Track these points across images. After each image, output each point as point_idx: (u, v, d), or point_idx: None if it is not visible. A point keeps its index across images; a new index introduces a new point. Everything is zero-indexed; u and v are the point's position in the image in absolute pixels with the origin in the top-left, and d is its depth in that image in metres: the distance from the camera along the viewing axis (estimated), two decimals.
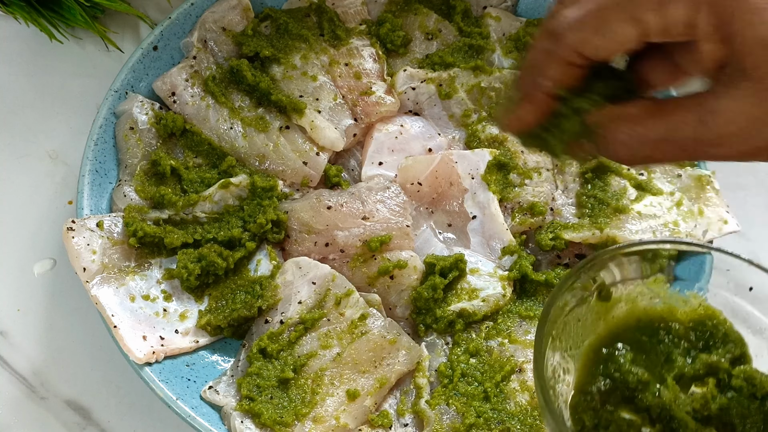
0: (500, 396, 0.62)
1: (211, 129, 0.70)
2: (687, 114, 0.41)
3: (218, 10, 0.72)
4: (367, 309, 0.64)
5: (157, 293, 0.65)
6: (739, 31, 0.38)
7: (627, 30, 0.41)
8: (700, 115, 0.40)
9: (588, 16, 0.42)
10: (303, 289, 0.65)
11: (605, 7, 0.42)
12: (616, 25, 0.41)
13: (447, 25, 0.75)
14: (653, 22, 0.41)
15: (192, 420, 0.61)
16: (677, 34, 0.40)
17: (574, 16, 0.42)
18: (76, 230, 0.64)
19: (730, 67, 0.39)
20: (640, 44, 0.42)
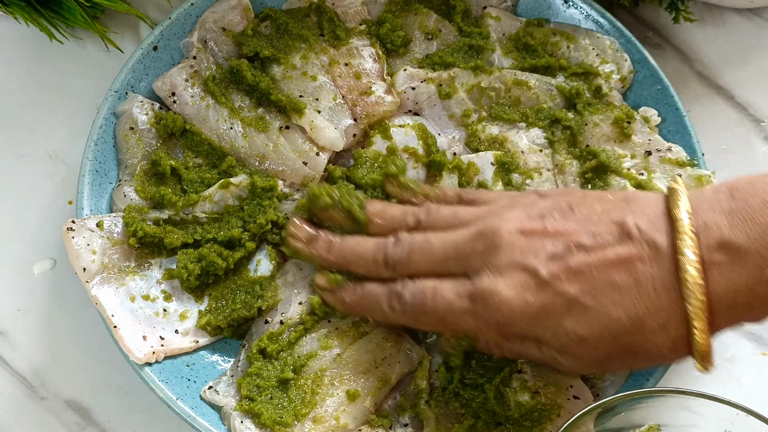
0: (500, 397, 0.62)
1: (211, 129, 0.70)
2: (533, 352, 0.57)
3: (218, 10, 0.72)
4: None
5: (157, 293, 0.65)
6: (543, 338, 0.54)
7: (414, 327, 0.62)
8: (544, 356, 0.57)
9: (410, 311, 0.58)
10: (304, 290, 0.65)
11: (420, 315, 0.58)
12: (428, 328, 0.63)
13: (447, 25, 0.75)
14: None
15: (192, 420, 0.61)
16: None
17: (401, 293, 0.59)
18: (76, 230, 0.64)
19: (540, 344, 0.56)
20: None
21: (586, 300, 0.50)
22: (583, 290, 0.50)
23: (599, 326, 0.50)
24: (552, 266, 0.51)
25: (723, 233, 0.48)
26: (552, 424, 0.61)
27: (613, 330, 0.50)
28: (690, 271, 0.48)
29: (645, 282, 0.50)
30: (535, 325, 0.52)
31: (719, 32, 0.82)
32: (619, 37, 0.75)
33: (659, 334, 0.50)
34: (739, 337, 0.71)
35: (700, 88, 0.80)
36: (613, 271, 0.50)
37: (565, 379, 0.62)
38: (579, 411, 0.61)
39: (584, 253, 0.51)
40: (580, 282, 0.50)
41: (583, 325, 0.50)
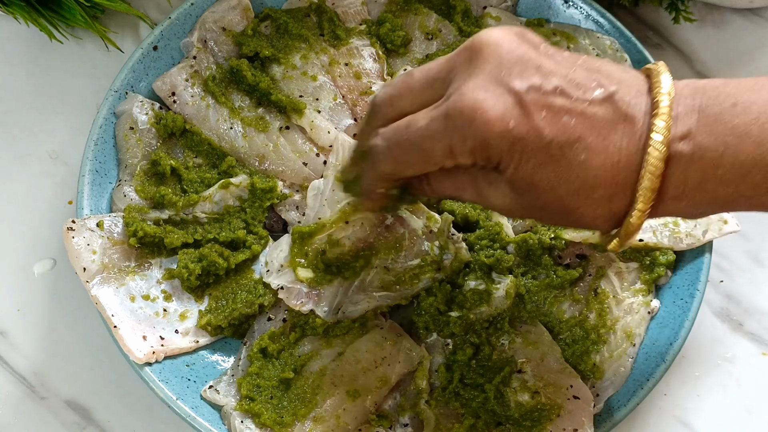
0: (500, 396, 0.62)
1: (211, 129, 0.70)
2: (467, 181, 0.53)
3: (218, 10, 0.72)
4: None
5: (157, 293, 0.65)
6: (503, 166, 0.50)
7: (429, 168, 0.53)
8: (478, 188, 0.53)
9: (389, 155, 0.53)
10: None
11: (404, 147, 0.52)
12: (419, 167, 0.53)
13: (447, 25, 0.75)
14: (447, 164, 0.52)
15: (192, 420, 0.61)
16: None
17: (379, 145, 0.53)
18: (76, 230, 0.64)
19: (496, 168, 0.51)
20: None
21: (555, 149, 0.49)
22: (555, 136, 0.49)
23: (555, 179, 0.49)
24: (536, 98, 0.49)
25: (690, 124, 0.49)
26: (552, 424, 0.61)
27: (564, 187, 0.50)
28: (654, 154, 0.48)
29: (613, 152, 0.49)
30: (506, 153, 0.49)
31: (719, 32, 0.82)
32: (619, 37, 0.74)
33: (603, 204, 0.50)
34: (739, 337, 0.71)
35: None
36: (588, 129, 0.49)
37: (565, 379, 0.62)
38: (579, 411, 0.61)
39: (567, 99, 0.49)
40: (557, 126, 0.49)
41: (541, 172, 0.49)
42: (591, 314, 0.66)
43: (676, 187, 0.49)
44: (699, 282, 0.66)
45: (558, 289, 0.67)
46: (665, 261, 0.67)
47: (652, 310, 0.67)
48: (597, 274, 0.67)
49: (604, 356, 0.65)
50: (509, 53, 0.50)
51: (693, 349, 0.70)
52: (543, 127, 0.49)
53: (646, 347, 0.66)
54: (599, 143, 0.49)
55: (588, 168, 0.49)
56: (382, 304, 0.65)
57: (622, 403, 0.63)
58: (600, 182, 0.49)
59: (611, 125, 0.49)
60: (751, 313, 0.72)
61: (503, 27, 0.52)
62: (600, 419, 0.63)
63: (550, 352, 0.64)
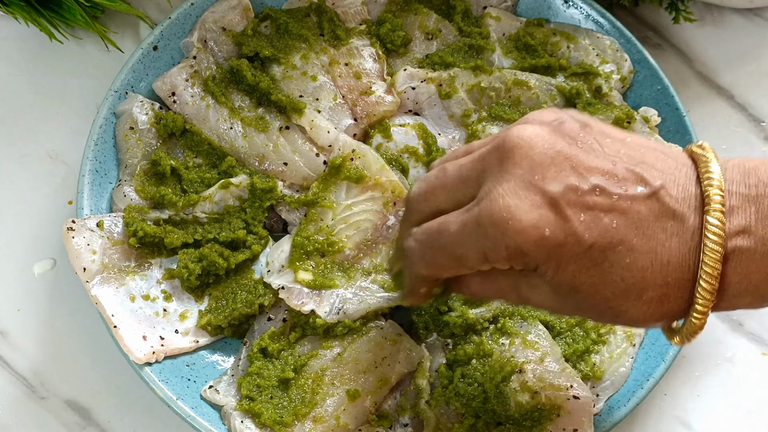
0: (500, 396, 0.62)
1: (211, 129, 0.70)
2: (507, 284, 0.51)
3: (218, 10, 0.72)
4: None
5: (157, 293, 0.65)
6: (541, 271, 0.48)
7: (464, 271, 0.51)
8: (519, 291, 0.51)
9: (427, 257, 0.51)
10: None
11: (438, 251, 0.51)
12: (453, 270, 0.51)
13: (447, 25, 0.75)
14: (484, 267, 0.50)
15: (192, 420, 0.61)
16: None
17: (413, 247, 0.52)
18: (76, 230, 0.64)
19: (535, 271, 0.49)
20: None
21: (596, 252, 0.46)
22: (598, 240, 0.46)
23: (598, 282, 0.47)
24: (573, 201, 0.46)
25: (749, 221, 0.46)
26: (552, 424, 0.61)
27: (610, 289, 0.47)
28: (711, 255, 0.45)
29: (661, 253, 0.46)
30: (544, 260, 0.47)
31: (719, 32, 0.82)
32: (619, 37, 0.75)
33: (654, 306, 0.47)
34: (739, 337, 0.71)
35: (700, 88, 0.80)
36: (631, 230, 0.46)
37: (565, 379, 0.62)
38: (579, 411, 0.61)
39: (606, 198, 0.46)
40: (598, 229, 0.46)
41: (584, 276, 0.47)
42: None
43: (739, 284, 0.47)
44: None
45: None
46: None
47: None
48: None
49: (604, 356, 0.65)
50: (542, 154, 0.47)
51: (693, 349, 0.70)
52: (582, 231, 0.46)
53: (646, 347, 0.66)
54: (645, 244, 0.46)
55: (634, 270, 0.46)
56: (382, 304, 0.65)
57: (622, 403, 0.63)
58: (649, 284, 0.47)
59: (658, 224, 0.46)
60: (751, 313, 0.72)
61: (538, 120, 0.49)
62: (600, 419, 0.63)
63: (550, 352, 0.64)
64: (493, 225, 0.47)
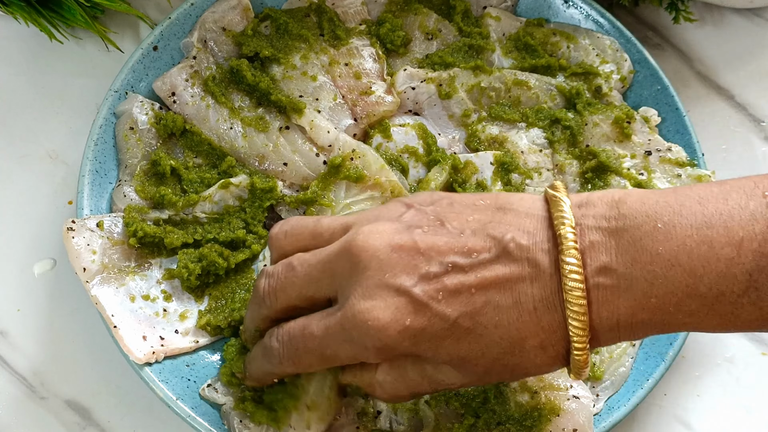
0: (500, 396, 0.62)
1: (211, 129, 0.70)
2: (419, 377, 0.52)
3: (218, 10, 0.72)
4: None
5: (157, 293, 0.65)
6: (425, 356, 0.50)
7: (317, 368, 0.55)
8: (430, 377, 0.51)
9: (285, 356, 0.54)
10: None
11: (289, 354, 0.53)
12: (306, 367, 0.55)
13: (447, 25, 0.75)
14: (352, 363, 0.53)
15: (192, 420, 0.61)
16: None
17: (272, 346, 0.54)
18: (76, 230, 0.64)
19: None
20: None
21: (465, 322, 0.48)
22: (461, 312, 0.48)
23: (479, 347, 0.48)
24: (427, 287, 0.48)
25: (610, 258, 0.46)
26: (552, 424, 0.61)
27: (494, 350, 0.48)
28: (573, 293, 0.46)
29: (526, 302, 0.47)
30: (416, 347, 0.49)
31: (719, 32, 0.82)
32: (619, 37, 0.75)
33: (539, 353, 0.48)
34: (739, 337, 0.71)
35: (700, 88, 0.80)
36: (492, 291, 0.48)
37: (565, 379, 0.62)
38: (579, 411, 0.61)
39: (461, 273, 0.48)
40: (459, 303, 0.48)
41: (463, 346, 0.48)
42: None
43: (610, 319, 0.47)
44: None
45: None
46: None
47: None
48: None
49: (604, 356, 0.65)
50: (389, 253, 0.49)
51: (693, 349, 0.70)
52: (443, 309, 0.48)
53: (646, 347, 0.66)
54: (508, 298, 0.47)
55: (507, 325, 0.48)
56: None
57: (622, 403, 0.63)
58: (525, 334, 0.48)
59: (516, 278, 0.48)
60: None
61: (385, 216, 0.51)
62: (600, 419, 0.63)
63: None
64: (356, 328, 0.49)
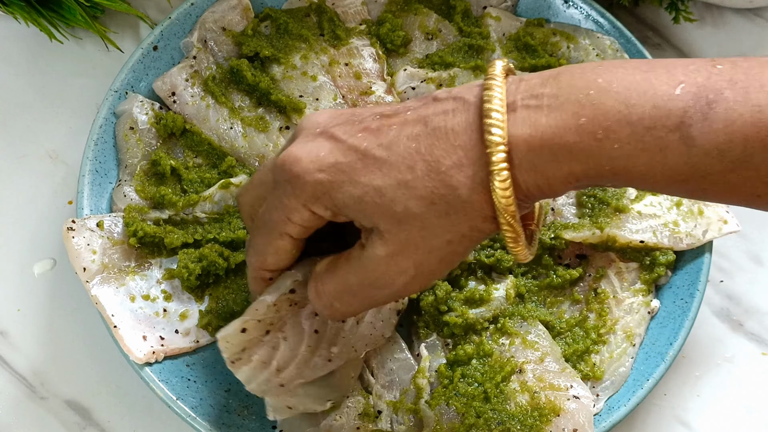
0: (500, 396, 0.62)
1: (211, 129, 0.70)
2: (349, 266, 0.49)
3: (218, 10, 0.72)
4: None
5: (157, 293, 0.65)
6: (353, 215, 0.48)
7: (283, 244, 0.51)
8: (358, 265, 0.49)
9: (251, 246, 0.53)
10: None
11: (255, 235, 0.53)
12: (273, 246, 0.51)
13: (447, 25, 0.75)
14: (297, 230, 0.50)
15: (192, 420, 0.61)
16: (319, 225, 0.50)
17: (249, 246, 0.54)
18: (76, 230, 0.64)
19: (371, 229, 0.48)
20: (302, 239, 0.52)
21: (379, 151, 0.47)
22: (375, 143, 0.47)
23: (395, 174, 0.46)
24: (349, 128, 0.48)
25: (543, 86, 0.45)
26: (552, 424, 0.61)
27: (409, 176, 0.46)
28: (491, 103, 0.45)
29: (443, 127, 0.46)
30: (330, 184, 0.47)
31: (719, 32, 0.82)
32: (619, 37, 0.75)
33: (455, 172, 0.46)
34: (739, 337, 0.71)
35: None
36: (410, 126, 0.47)
37: (565, 379, 0.62)
38: (579, 411, 0.61)
39: (385, 118, 0.48)
40: (374, 136, 0.47)
41: (377, 175, 0.46)
42: (591, 314, 0.67)
43: (531, 137, 0.45)
44: (699, 282, 0.66)
45: (558, 289, 0.67)
46: (665, 261, 0.67)
47: (652, 310, 0.67)
48: (597, 274, 0.68)
49: (604, 356, 0.65)
50: (326, 116, 0.50)
51: (693, 349, 0.70)
52: (359, 143, 0.47)
53: (646, 347, 0.66)
54: (425, 129, 0.47)
55: (423, 150, 0.46)
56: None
57: (622, 403, 0.63)
58: (440, 153, 0.46)
59: (438, 113, 0.47)
60: (751, 313, 0.72)
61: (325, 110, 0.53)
62: (600, 419, 0.63)
63: (550, 352, 0.64)
64: (278, 169, 0.49)
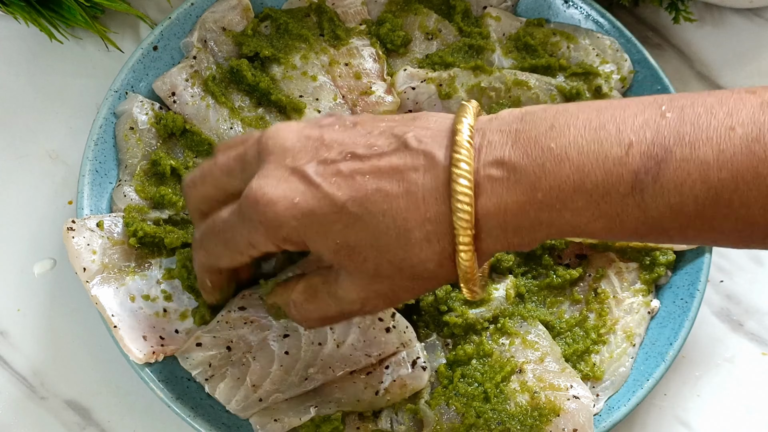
0: (500, 396, 0.62)
1: (211, 129, 0.70)
2: (327, 299, 0.52)
3: (218, 10, 0.72)
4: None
5: (157, 293, 0.65)
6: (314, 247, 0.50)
7: (241, 259, 0.53)
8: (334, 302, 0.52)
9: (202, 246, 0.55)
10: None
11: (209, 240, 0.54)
12: (229, 258, 0.54)
13: (447, 25, 0.75)
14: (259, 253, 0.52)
15: (192, 420, 0.61)
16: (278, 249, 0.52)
17: (197, 237, 0.56)
18: (76, 230, 0.64)
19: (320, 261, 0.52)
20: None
21: (354, 207, 0.48)
22: (350, 196, 0.48)
23: (367, 235, 0.48)
24: (321, 169, 0.48)
25: (503, 151, 0.47)
26: (552, 425, 0.61)
27: (381, 240, 0.48)
28: (460, 181, 0.46)
29: (415, 191, 0.47)
30: (304, 230, 0.49)
31: (719, 32, 0.82)
32: (619, 37, 0.75)
33: (425, 247, 0.48)
34: (739, 337, 0.71)
35: (700, 88, 0.80)
36: (383, 179, 0.48)
37: (565, 379, 0.62)
38: (579, 411, 0.61)
39: (357, 161, 0.48)
40: (349, 187, 0.48)
41: (351, 232, 0.48)
42: (591, 314, 0.67)
43: (496, 214, 0.47)
44: (699, 282, 0.66)
45: (558, 289, 0.67)
46: (665, 261, 0.67)
47: (652, 310, 0.67)
48: (597, 274, 0.68)
49: (604, 356, 0.65)
50: (295, 141, 0.50)
51: (693, 349, 0.70)
52: (334, 192, 0.48)
53: (646, 347, 0.66)
54: (399, 187, 0.48)
55: (395, 214, 0.48)
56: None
57: (622, 403, 0.63)
58: (412, 224, 0.48)
59: (410, 166, 0.48)
60: (751, 313, 0.72)
61: (291, 123, 0.53)
62: (600, 419, 0.63)
63: (550, 352, 0.64)
64: (249, 206, 0.50)
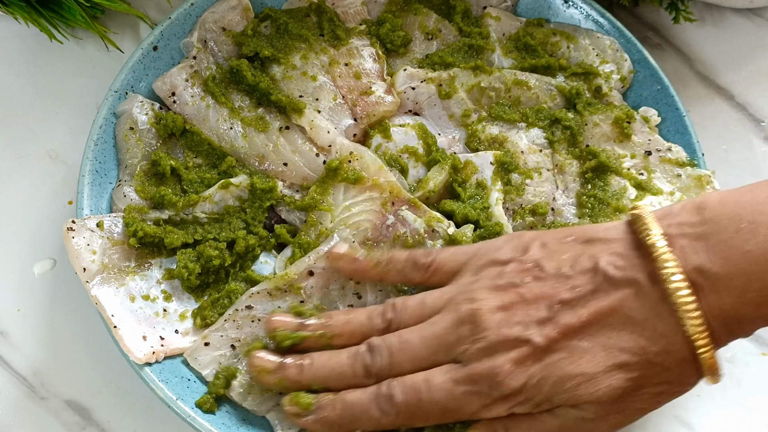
0: None
1: (211, 129, 0.70)
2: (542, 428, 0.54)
3: (218, 10, 0.72)
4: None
5: (157, 293, 0.65)
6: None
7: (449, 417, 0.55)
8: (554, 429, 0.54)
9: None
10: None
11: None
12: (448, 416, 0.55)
13: (447, 25, 0.75)
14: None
15: (192, 420, 0.61)
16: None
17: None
18: (76, 230, 0.64)
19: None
20: None
21: (584, 344, 0.51)
22: (580, 339, 0.51)
23: (604, 361, 0.51)
24: (544, 331, 0.51)
25: (701, 260, 0.49)
26: None
27: (620, 363, 0.50)
28: (680, 292, 0.49)
29: (636, 317, 0.50)
30: (543, 388, 0.51)
31: (719, 32, 0.82)
32: (619, 37, 0.75)
33: (666, 358, 0.50)
34: None
35: (700, 88, 0.80)
36: (603, 318, 0.51)
37: None
38: None
39: (570, 310, 0.51)
40: (576, 335, 0.51)
41: (586, 363, 0.51)
42: None
43: (719, 315, 0.49)
44: None
45: None
46: None
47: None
48: None
49: None
50: (501, 316, 0.53)
51: None
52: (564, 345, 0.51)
53: None
54: (620, 320, 0.51)
55: (625, 342, 0.50)
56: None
57: None
58: (645, 344, 0.50)
59: (620, 300, 0.51)
60: None
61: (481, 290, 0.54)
62: None
63: None
64: (484, 379, 0.52)
